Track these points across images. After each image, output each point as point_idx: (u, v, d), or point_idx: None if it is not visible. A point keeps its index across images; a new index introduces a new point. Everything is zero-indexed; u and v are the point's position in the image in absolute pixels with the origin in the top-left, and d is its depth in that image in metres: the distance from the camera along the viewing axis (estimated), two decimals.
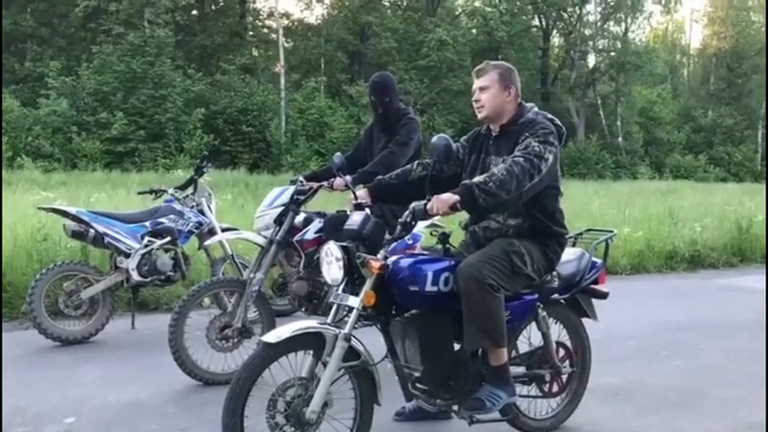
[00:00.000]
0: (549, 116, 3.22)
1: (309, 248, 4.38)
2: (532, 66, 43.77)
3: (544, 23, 44.52)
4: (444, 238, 3.14)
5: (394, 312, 2.96)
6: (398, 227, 2.89)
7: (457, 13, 43.06)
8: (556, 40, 46.57)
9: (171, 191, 5.48)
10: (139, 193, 6.14)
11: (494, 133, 3.23)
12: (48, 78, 28.30)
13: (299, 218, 4.42)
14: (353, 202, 3.21)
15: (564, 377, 3.50)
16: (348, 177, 4.11)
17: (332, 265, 2.87)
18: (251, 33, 39.28)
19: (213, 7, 39.15)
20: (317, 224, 4.43)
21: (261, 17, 40.04)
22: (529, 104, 3.24)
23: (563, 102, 42.71)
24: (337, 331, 2.73)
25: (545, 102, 43.07)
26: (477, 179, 2.82)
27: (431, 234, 4.67)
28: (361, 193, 3.32)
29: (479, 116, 3.18)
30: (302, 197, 4.33)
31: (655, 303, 6.91)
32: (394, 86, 4.63)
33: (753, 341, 5.30)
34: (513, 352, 3.35)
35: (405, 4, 41.15)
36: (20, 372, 4.32)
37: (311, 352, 2.77)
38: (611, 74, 41.73)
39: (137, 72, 28.91)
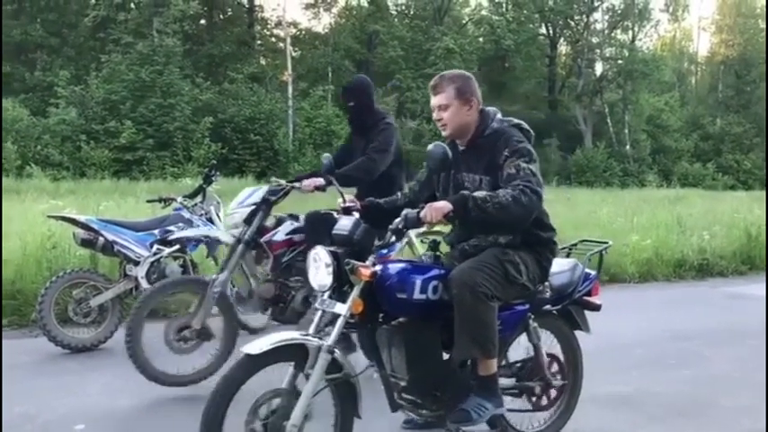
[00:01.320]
0: (515, 121, 3.13)
1: (278, 250, 4.28)
2: (539, 74, 43.82)
3: (551, 32, 44.57)
4: (435, 245, 3.10)
5: (381, 320, 2.89)
6: (389, 233, 2.81)
7: (464, 21, 43.17)
8: (563, 48, 46.60)
9: (180, 199, 5.52)
10: (148, 202, 6.18)
11: (461, 148, 3.13)
12: (57, 87, 28.51)
13: (271, 218, 4.35)
14: (342, 205, 3.16)
15: (555, 390, 3.42)
16: (319, 181, 4.15)
17: (320, 270, 2.78)
18: (259, 42, 39.49)
19: (221, 17, 39.37)
20: (288, 225, 4.34)
21: (269, 26, 40.26)
22: (491, 110, 3.12)
23: (570, 110, 42.71)
24: (321, 343, 2.66)
25: (552, 110, 43.13)
26: (477, 194, 2.75)
27: (421, 242, 4.56)
28: (351, 197, 3.26)
29: (443, 134, 3.11)
30: (274, 197, 4.24)
31: (662, 311, 6.89)
32: (368, 90, 4.56)
33: (760, 350, 5.28)
34: (504, 361, 3.28)
35: (412, 12, 41.29)
36: (29, 379, 4.35)
37: (293, 363, 2.69)
38: (619, 82, 41.72)
39: (145, 81, 29.09)
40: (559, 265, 3.30)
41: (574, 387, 3.51)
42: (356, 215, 3.00)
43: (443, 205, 2.71)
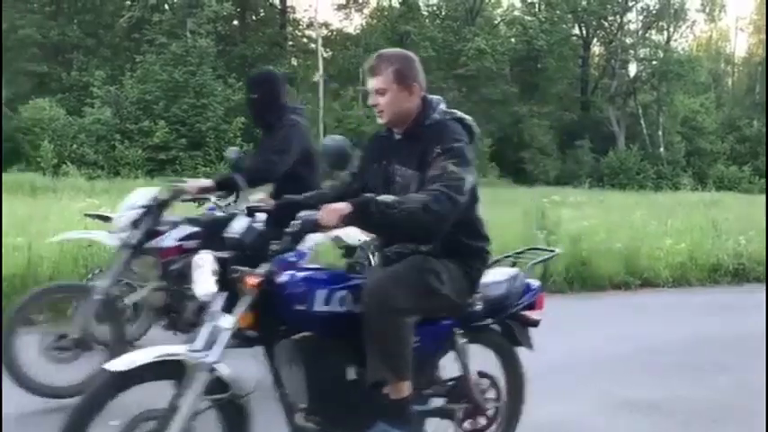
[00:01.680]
0: (459, 115, 2.81)
1: (168, 256, 3.96)
2: (572, 75, 43.45)
3: (584, 32, 44.18)
4: (350, 251, 2.90)
5: (282, 334, 2.57)
6: (286, 237, 2.49)
7: (496, 21, 42.98)
8: (596, 48, 46.16)
9: (213, 199, 5.55)
10: (183, 201, 6.23)
11: (396, 136, 2.82)
12: (92, 87, 29.04)
13: (168, 222, 4.06)
14: (246, 205, 2.84)
15: (490, 412, 3.04)
16: (204, 182, 4.01)
17: (204, 277, 2.47)
18: (290, 43, 39.76)
19: (254, 17, 39.72)
20: (180, 230, 4.04)
21: (300, 27, 40.53)
22: (434, 98, 2.80)
23: (603, 111, 42.26)
24: (201, 359, 2.35)
25: (585, 111, 42.74)
26: (384, 197, 2.46)
27: (339, 247, 4.14)
28: (261, 197, 3.00)
29: (380, 122, 2.80)
30: (164, 199, 3.97)
31: (697, 317, 6.78)
32: (273, 83, 4.24)
33: None
34: (436, 379, 2.96)
35: (443, 13, 41.23)
36: None
37: (174, 381, 2.38)
38: (653, 83, 41.19)
39: (179, 81, 29.51)
40: (496, 275, 3.00)
41: (513, 410, 3.13)
42: (261, 216, 2.65)
43: (341, 207, 2.40)
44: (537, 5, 41.88)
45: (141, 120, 28.59)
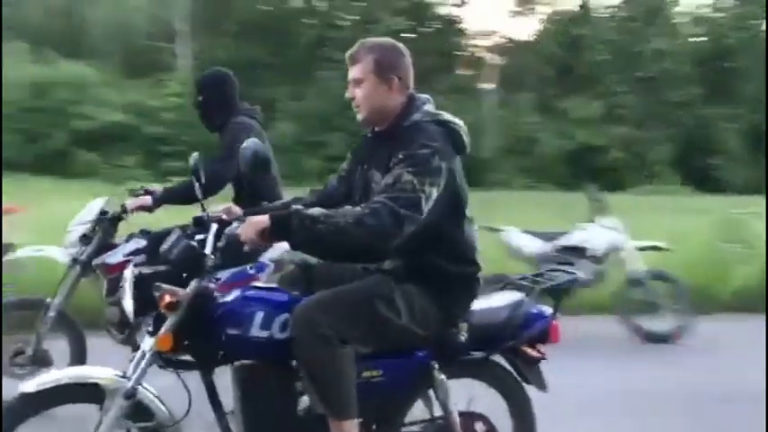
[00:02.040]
0: (446, 117, 2.49)
1: (115, 273, 3.71)
2: (765, 74, 40.02)
3: None
4: (306, 267, 2.60)
5: (221, 359, 2.35)
6: (217, 253, 2.30)
7: (677, 21, 40.64)
8: None
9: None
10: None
11: (377, 138, 2.52)
12: (277, 103, 31.17)
13: (123, 236, 3.92)
14: (196, 215, 2.57)
15: None
16: (143, 200, 3.83)
17: (127, 294, 2.33)
18: (462, 53, 40.10)
19: (425, 29, 40.52)
20: (131, 245, 3.85)
21: (471, 36, 40.77)
22: (421, 97, 2.49)
23: None
24: (119, 383, 2.19)
25: None
26: (312, 210, 2.22)
27: (291, 263, 3.76)
28: (225, 208, 2.76)
29: (358, 118, 2.49)
30: (117, 213, 3.85)
31: None
32: (220, 84, 4.11)
33: None
34: (429, 415, 2.60)
35: (620, 14, 39.69)
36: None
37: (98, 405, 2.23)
38: None
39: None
40: (496, 301, 2.59)
41: None
42: (213, 227, 2.39)
43: (260, 220, 2.17)
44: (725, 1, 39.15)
45: (320, 133, 30.29)
